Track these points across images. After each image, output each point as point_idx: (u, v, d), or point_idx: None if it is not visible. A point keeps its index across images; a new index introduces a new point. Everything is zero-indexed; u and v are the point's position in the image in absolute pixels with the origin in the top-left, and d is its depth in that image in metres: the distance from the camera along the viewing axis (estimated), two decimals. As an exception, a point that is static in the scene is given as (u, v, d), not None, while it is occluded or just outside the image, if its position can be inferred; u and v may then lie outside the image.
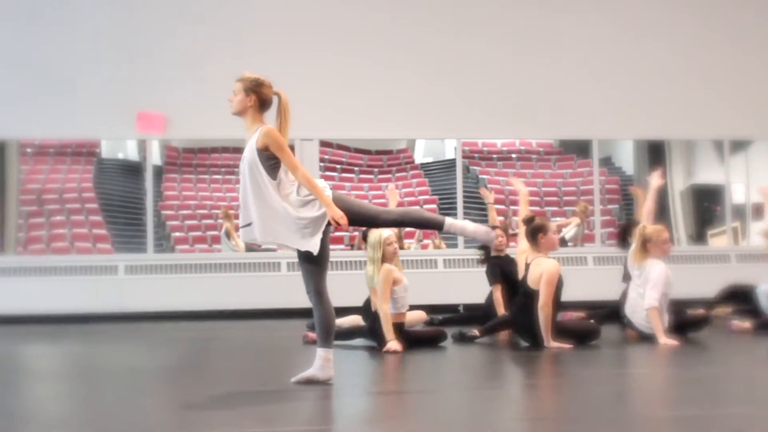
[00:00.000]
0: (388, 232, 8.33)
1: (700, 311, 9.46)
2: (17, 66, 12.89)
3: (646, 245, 8.66)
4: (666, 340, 8.15)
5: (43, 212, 16.74)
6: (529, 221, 8.62)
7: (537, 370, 7.38)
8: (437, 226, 6.15)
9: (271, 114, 6.10)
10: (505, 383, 6.81)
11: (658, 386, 6.38)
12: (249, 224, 5.95)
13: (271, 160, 5.89)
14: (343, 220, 5.78)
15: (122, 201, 17.63)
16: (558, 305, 8.19)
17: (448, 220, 6.09)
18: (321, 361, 6.00)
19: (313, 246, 5.84)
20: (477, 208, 16.62)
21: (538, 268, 8.13)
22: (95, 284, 12.57)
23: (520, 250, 8.94)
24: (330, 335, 6.05)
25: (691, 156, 15.42)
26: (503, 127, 13.93)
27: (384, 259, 8.20)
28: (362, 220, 6.16)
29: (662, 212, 15.01)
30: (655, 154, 15.13)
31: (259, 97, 6.05)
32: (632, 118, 13.84)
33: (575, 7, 13.98)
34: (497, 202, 17.62)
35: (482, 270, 9.84)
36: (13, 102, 12.81)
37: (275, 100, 6.12)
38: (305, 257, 5.95)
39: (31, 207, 16.45)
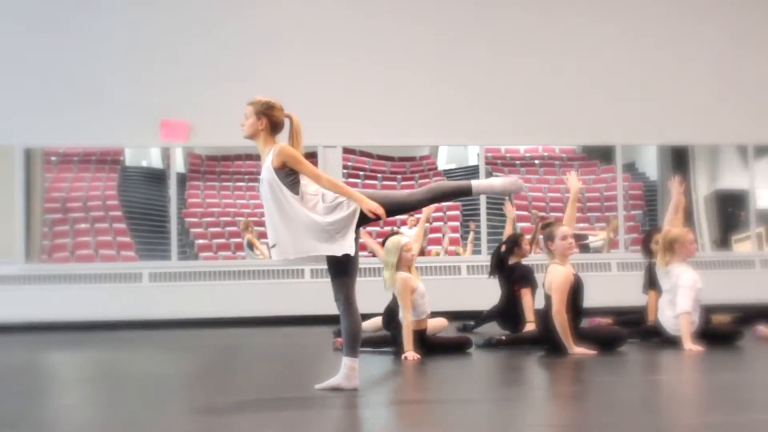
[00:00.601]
0: (406, 239, 8.34)
1: (727, 321, 9.40)
2: (42, 76, 12.99)
3: (672, 246, 8.60)
4: (691, 346, 8.11)
5: (67, 220, 16.80)
6: (543, 227, 8.61)
7: (561, 376, 7.34)
8: (465, 192, 6.12)
9: (283, 136, 6.09)
10: (529, 390, 6.78)
11: (684, 392, 6.34)
12: (275, 245, 5.94)
13: (290, 177, 5.89)
14: (380, 210, 5.79)
15: (146, 208, 17.67)
16: (577, 311, 8.14)
17: (474, 183, 6.09)
18: (346, 370, 5.99)
19: (348, 247, 5.82)
20: (501, 214, 16.59)
21: (548, 276, 8.12)
22: (120, 292, 12.63)
23: None
24: (356, 344, 6.04)
25: (715, 161, 15.32)
26: (526, 133, 13.91)
27: (400, 265, 8.18)
28: (395, 208, 6.13)
29: (686, 217, 14.96)
30: (678, 159, 15.05)
31: (270, 120, 6.05)
32: (656, 123, 13.78)
33: (598, 14, 13.95)
34: (519, 208, 17.65)
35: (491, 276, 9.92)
36: (38, 111, 12.90)
37: (287, 122, 6.13)
38: (336, 265, 5.94)
39: (56, 215, 16.51)
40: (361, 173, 18.52)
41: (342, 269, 5.91)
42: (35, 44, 13.04)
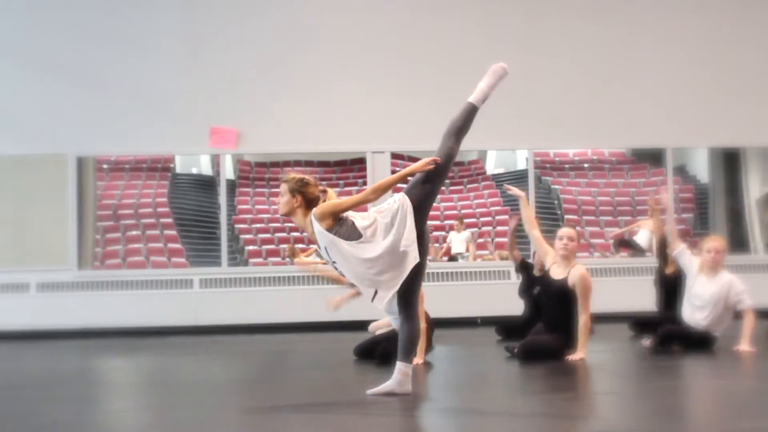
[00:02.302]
0: None
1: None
2: (93, 85, 13.12)
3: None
4: (747, 347, 8.12)
5: (119, 227, 17.00)
6: None
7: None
8: (473, 110, 6.47)
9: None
10: (578, 393, 6.74)
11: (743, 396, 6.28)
12: (375, 297, 5.95)
13: (343, 227, 5.88)
14: (432, 160, 6.19)
15: (196, 215, 17.84)
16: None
17: (471, 98, 6.48)
18: (400, 376, 6.00)
19: (413, 258, 5.85)
20: (550, 218, 16.55)
21: (571, 279, 8.12)
22: (171, 298, 12.71)
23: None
24: (412, 350, 6.07)
25: (766, 163, 15.15)
26: (575, 136, 13.82)
27: None
28: (439, 168, 6.33)
29: (738, 220, 14.82)
30: (730, 162, 14.92)
31: (305, 197, 6.00)
32: (706, 125, 13.65)
33: (646, 17, 13.85)
34: (568, 212, 17.57)
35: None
36: (89, 120, 13.03)
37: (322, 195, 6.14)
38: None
39: (108, 222, 16.71)
40: (409, 178, 18.54)
41: (408, 276, 5.93)
42: (86, 54, 13.18)
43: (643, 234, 14.74)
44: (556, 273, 8.19)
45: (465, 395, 6.65)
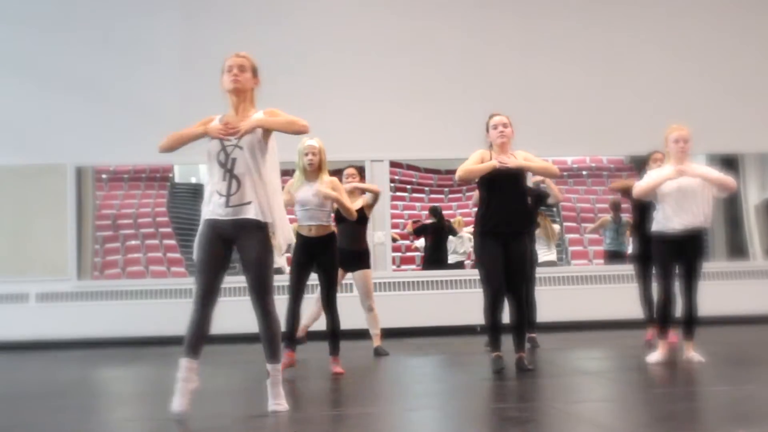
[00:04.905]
0: (311, 142, 8.46)
1: None
2: (92, 94, 13.13)
3: None
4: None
5: (118, 237, 17.00)
6: None
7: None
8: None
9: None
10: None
11: None
12: None
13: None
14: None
15: (195, 225, 17.78)
16: None
17: None
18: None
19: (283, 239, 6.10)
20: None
21: None
22: (170, 307, 12.67)
23: None
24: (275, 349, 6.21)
25: (765, 169, 15.16)
26: (573, 144, 13.83)
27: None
28: None
29: (736, 226, 14.81)
30: (728, 168, 14.90)
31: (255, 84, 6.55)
32: (704, 131, 13.61)
33: (644, 24, 13.89)
34: (567, 219, 17.58)
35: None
36: (88, 130, 13.04)
37: None
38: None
39: (107, 232, 16.72)
40: (408, 186, 18.58)
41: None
42: (85, 64, 13.19)
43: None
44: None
45: (464, 401, 6.65)
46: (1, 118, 13.07)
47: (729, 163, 14.74)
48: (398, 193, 17.94)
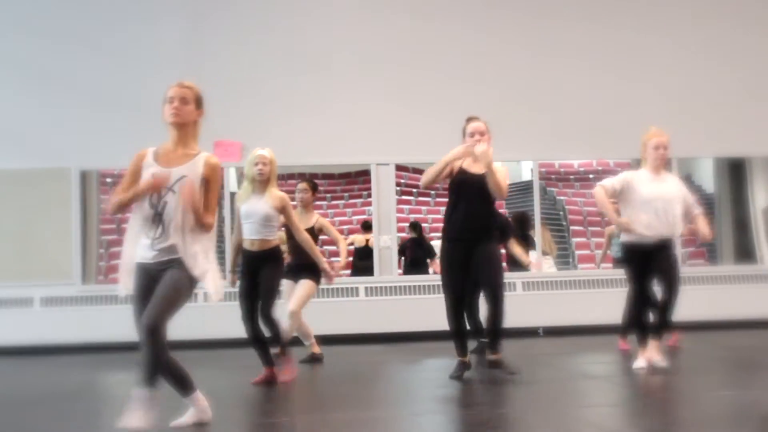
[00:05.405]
0: (262, 151, 8.42)
1: None
2: (96, 98, 13.12)
3: None
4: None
5: (122, 241, 16.95)
6: None
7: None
8: None
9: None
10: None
11: None
12: None
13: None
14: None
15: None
16: None
17: None
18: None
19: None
20: (555, 229, 16.52)
21: None
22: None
23: None
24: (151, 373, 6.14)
25: (773, 173, 15.10)
26: (580, 147, 13.78)
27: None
28: None
29: (744, 230, 14.74)
30: (736, 171, 14.85)
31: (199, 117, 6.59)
32: (712, 135, 13.62)
33: (652, 27, 13.84)
34: (574, 222, 17.54)
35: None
36: (93, 133, 13.03)
37: None
38: None
39: (111, 236, 16.68)
40: (414, 190, 18.54)
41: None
42: (90, 67, 13.18)
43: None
44: (475, 168, 8.04)
45: (471, 406, 6.61)
46: (5, 122, 13.07)
47: (736, 166, 14.70)
48: (404, 197, 17.91)
